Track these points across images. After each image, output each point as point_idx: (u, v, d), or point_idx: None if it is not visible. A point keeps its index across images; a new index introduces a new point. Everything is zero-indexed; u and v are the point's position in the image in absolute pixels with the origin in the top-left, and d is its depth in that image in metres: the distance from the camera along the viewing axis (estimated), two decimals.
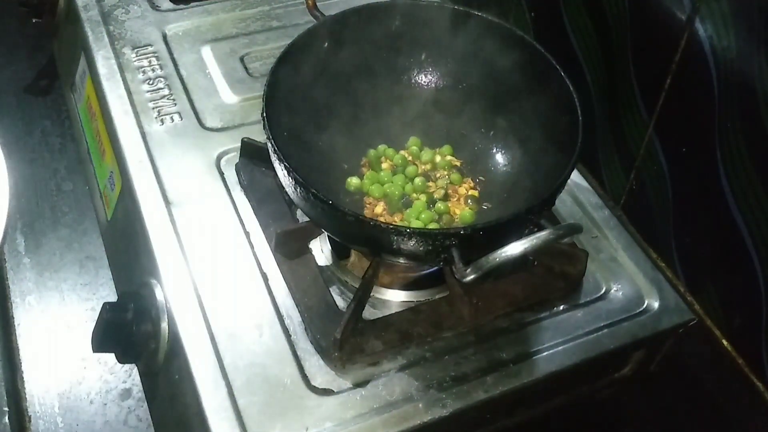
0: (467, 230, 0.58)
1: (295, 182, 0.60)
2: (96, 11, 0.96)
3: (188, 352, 0.63)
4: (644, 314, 0.71)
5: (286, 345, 0.65)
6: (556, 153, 0.68)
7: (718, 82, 0.63)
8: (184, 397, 0.64)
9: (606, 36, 0.76)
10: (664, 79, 0.69)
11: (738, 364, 0.68)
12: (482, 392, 0.63)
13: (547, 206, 0.66)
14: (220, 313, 0.66)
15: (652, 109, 0.72)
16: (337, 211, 0.58)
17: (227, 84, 0.88)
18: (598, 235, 0.77)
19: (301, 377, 0.63)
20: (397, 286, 0.72)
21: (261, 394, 0.61)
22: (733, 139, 0.63)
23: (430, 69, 0.80)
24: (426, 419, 0.61)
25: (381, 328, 0.66)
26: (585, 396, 0.76)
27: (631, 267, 0.75)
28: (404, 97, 0.80)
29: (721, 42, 0.62)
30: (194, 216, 0.74)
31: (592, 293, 0.72)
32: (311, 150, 0.73)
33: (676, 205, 0.72)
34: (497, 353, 0.66)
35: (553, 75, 0.68)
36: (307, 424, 0.60)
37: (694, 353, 0.73)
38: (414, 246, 0.58)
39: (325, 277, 0.70)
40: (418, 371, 0.64)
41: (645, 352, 0.74)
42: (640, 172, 0.76)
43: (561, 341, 0.68)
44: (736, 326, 0.68)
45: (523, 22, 0.91)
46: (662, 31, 0.68)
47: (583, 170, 0.84)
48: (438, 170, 0.77)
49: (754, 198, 0.62)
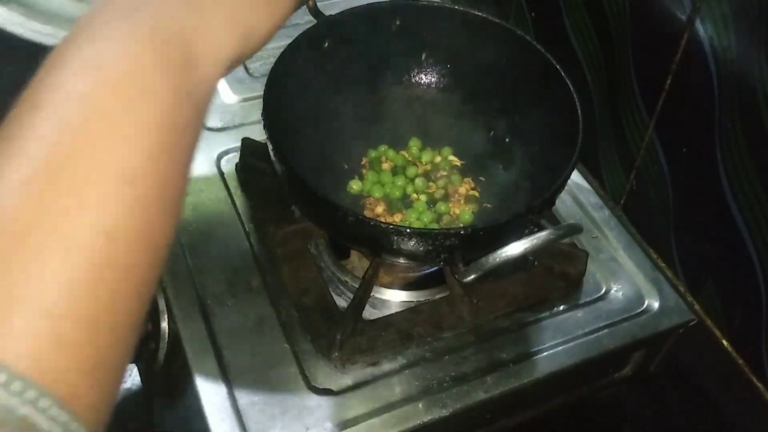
0: (467, 230, 0.58)
1: (295, 182, 0.60)
2: None
3: (188, 352, 0.63)
4: (644, 314, 0.71)
5: (286, 345, 0.65)
6: (556, 153, 0.68)
7: (718, 83, 0.63)
8: (184, 397, 0.64)
9: (606, 36, 0.76)
10: (665, 80, 0.69)
11: (738, 364, 0.68)
12: (482, 392, 0.63)
13: (547, 206, 0.66)
14: (220, 313, 0.66)
15: (652, 110, 0.72)
16: (338, 212, 0.58)
17: (227, 84, 0.88)
18: (598, 235, 0.77)
19: (301, 377, 0.63)
20: (397, 286, 0.72)
21: (261, 394, 0.61)
22: (734, 140, 0.63)
23: (430, 69, 0.80)
24: (426, 419, 0.61)
25: (381, 328, 0.66)
26: (585, 396, 0.76)
27: (631, 267, 0.75)
28: (404, 98, 0.80)
29: (722, 42, 0.62)
30: (194, 216, 0.74)
31: (592, 293, 0.72)
32: (311, 150, 0.73)
33: (676, 205, 0.72)
34: (497, 353, 0.66)
35: (554, 75, 0.68)
36: (307, 424, 0.60)
37: (694, 353, 0.73)
38: (414, 246, 0.58)
39: (325, 277, 0.70)
40: (418, 371, 0.64)
41: (645, 353, 0.74)
42: (640, 172, 0.76)
43: (561, 341, 0.68)
44: (736, 326, 0.68)
45: (524, 22, 0.91)
46: (662, 31, 0.68)
47: (583, 170, 0.84)
48: (438, 171, 0.77)
49: (755, 198, 0.62)
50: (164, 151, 0.30)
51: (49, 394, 0.24)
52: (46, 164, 0.27)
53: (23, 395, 0.24)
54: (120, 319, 0.28)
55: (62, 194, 0.27)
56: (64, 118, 0.28)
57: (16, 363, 0.24)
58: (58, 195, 0.26)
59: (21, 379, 0.24)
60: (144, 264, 0.29)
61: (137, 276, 0.29)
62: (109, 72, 0.29)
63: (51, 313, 0.25)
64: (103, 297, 0.27)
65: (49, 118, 0.28)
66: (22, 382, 0.24)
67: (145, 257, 0.29)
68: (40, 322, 0.25)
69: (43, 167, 0.27)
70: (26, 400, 0.24)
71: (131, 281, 0.28)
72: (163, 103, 0.30)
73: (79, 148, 0.27)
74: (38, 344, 0.25)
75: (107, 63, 0.29)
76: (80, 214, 0.27)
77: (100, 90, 0.29)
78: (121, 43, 0.30)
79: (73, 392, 0.25)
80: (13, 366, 0.24)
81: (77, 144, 0.28)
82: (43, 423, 0.24)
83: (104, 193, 0.27)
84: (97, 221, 0.27)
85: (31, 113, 0.28)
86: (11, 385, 0.23)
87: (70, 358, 0.25)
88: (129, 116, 0.29)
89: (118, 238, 0.27)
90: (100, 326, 0.27)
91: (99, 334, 0.27)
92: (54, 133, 0.28)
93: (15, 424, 0.23)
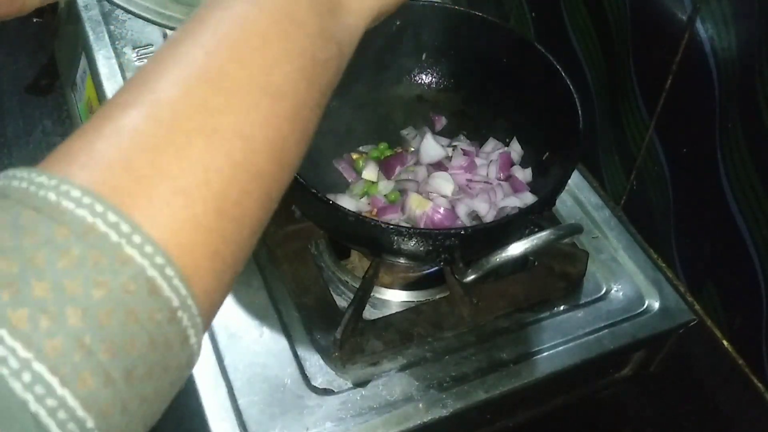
0: (467, 230, 0.58)
1: (295, 182, 0.60)
2: (97, 11, 0.96)
3: None
4: (644, 314, 0.71)
5: (286, 345, 0.65)
6: (556, 153, 0.68)
7: (718, 83, 0.63)
8: (184, 397, 0.64)
9: (606, 36, 0.76)
10: (665, 80, 0.69)
11: (738, 364, 0.68)
12: (482, 392, 0.63)
13: (547, 206, 0.66)
14: (220, 313, 0.66)
15: (652, 110, 0.72)
16: (338, 212, 0.58)
17: None
18: (599, 235, 0.77)
19: (301, 377, 0.63)
20: (397, 286, 0.72)
21: (261, 394, 0.61)
22: (734, 140, 0.63)
23: (430, 69, 0.80)
24: (426, 419, 0.61)
25: (381, 328, 0.66)
26: (585, 396, 0.76)
27: (632, 267, 0.75)
28: (405, 97, 0.80)
29: (722, 42, 0.62)
30: None
31: (592, 293, 0.72)
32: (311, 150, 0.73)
33: (677, 205, 0.72)
34: (497, 353, 0.66)
35: (554, 75, 0.68)
36: (307, 424, 0.60)
37: (694, 353, 0.73)
38: (414, 246, 0.58)
39: (325, 277, 0.70)
40: (418, 371, 0.64)
41: (645, 353, 0.74)
42: (640, 172, 0.76)
43: (561, 341, 0.68)
44: (737, 326, 0.68)
45: (524, 22, 0.91)
46: (663, 31, 0.68)
47: (583, 170, 0.84)
48: None
49: (755, 198, 0.62)
50: (304, 78, 0.33)
51: (175, 265, 0.26)
52: (204, 69, 0.31)
53: (153, 259, 0.26)
54: (245, 220, 0.31)
55: (213, 95, 0.30)
56: (225, 32, 0.32)
57: (149, 229, 0.26)
58: (211, 95, 0.30)
59: (152, 244, 0.26)
60: (272, 174, 0.32)
61: (264, 185, 0.31)
62: (268, 2, 0.34)
63: (187, 193, 0.28)
64: (233, 194, 0.29)
65: (212, 31, 0.32)
66: (152, 247, 0.26)
67: (274, 168, 0.32)
68: (176, 198, 0.27)
69: (201, 71, 0.30)
70: (155, 264, 0.26)
71: (258, 187, 0.31)
72: (311, 36, 0.34)
73: (234, 59, 0.31)
74: (171, 217, 0.27)
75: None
76: (225, 114, 0.30)
77: (259, 15, 0.33)
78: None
79: (194, 271, 0.28)
80: (146, 231, 0.26)
81: (233, 55, 0.31)
82: (166, 290, 0.26)
83: (248, 102, 0.31)
84: (237, 124, 0.30)
85: (195, 26, 0.32)
86: (144, 247, 0.26)
87: (197, 237, 0.28)
88: (280, 40, 0.33)
89: (255, 144, 0.30)
90: (227, 220, 0.29)
91: (225, 225, 0.29)
92: (214, 43, 0.32)
93: (142, 284, 0.25)
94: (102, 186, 0.26)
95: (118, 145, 0.28)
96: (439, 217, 0.68)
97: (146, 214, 0.27)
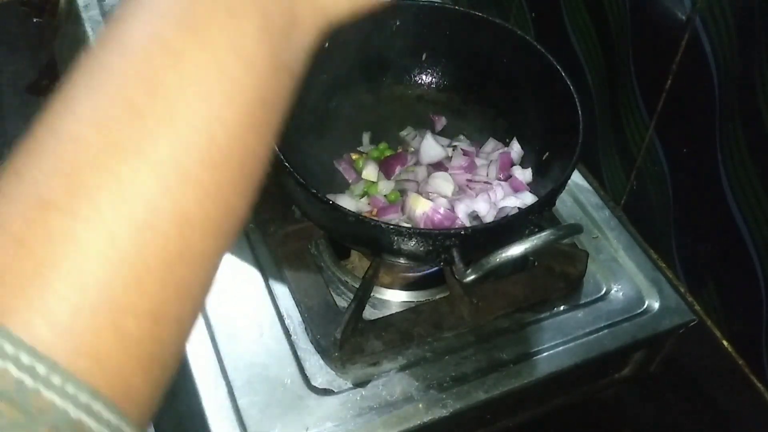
0: (467, 230, 0.58)
1: (295, 182, 0.60)
2: (97, 11, 0.96)
3: (188, 353, 0.63)
4: (644, 315, 0.71)
5: (286, 345, 0.65)
6: (557, 153, 0.68)
7: (718, 83, 0.63)
8: (184, 397, 0.64)
9: (606, 36, 0.76)
10: (665, 80, 0.69)
11: (738, 364, 0.68)
12: (482, 392, 0.63)
13: (547, 207, 0.66)
14: (220, 313, 0.66)
15: (652, 110, 0.72)
16: (338, 212, 0.58)
17: None
18: (599, 235, 0.77)
19: (301, 377, 0.63)
20: (397, 286, 0.72)
21: (261, 394, 0.61)
22: (734, 140, 0.63)
23: (430, 69, 0.80)
24: (426, 419, 0.61)
25: (381, 328, 0.66)
26: (585, 396, 0.76)
27: (632, 267, 0.75)
28: (405, 97, 0.80)
29: (722, 42, 0.62)
30: None
31: (592, 293, 0.72)
32: (311, 149, 0.73)
33: (677, 205, 0.72)
34: (497, 353, 0.66)
35: (554, 75, 0.68)
36: (307, 424, 0.60)
37: (694, 354, 0.73)
38: (414, 246, 0.58)
39: (325, 277, 0.70)
40: (418, 371, 0.64)
41: (645, 353, 0.74)
42: (640, 172, 0.76)
43: (561, 341, 0.68)
44: (737, 327, 0.68)
45: (524, 22, 0.91)
46: (663, 31, 0.68)
47: (583, 170, 0.84)
48: None
49: (755, 198, 0.62)
50: (251, 132, 0.29)
51: (103, 396, 0.22)
52: (127, 99, 0.25)
53: (77, 399, 0.22)
54: (187, 304, 0.28)
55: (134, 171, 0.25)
56: (149, 64, 0.26)
57: (62, 358, 0.22)
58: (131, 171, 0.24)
59: (75, 382, 0.22)
60: (215, 247, 0.29)
61: (205, 263, 0.29)
62: (194, 31, 0.26)
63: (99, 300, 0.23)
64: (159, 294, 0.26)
65: (130, 58, 0.26)
66: (74, 385, 0.22)
67: (213, 242, 0.29)
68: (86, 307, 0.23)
69: (126, 100, 0.25)
70: (80, 404, 0.22)
71: (200, 268, 0.29)
72: (261, 77, 0.28)
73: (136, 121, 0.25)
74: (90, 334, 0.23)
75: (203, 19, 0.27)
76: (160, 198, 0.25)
77: (176, 60, 0.26)
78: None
79: (126, 391, 0.23)
80: (64, 367, 0.22)
81: (155, 92, 0.25)
82: (95, 429, 0.22)
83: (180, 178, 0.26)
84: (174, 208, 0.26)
85: (113, 50, 0.26)
86: (65, 387, 0.22)
87: (123, 349, 0.23)
88: (213, 101, 0.26)
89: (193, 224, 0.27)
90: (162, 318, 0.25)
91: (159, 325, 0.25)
92: (134, 77, 0.25)
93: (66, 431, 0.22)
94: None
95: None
96: (439, 217, 0.68)
97: (51, 336, 0.22)
